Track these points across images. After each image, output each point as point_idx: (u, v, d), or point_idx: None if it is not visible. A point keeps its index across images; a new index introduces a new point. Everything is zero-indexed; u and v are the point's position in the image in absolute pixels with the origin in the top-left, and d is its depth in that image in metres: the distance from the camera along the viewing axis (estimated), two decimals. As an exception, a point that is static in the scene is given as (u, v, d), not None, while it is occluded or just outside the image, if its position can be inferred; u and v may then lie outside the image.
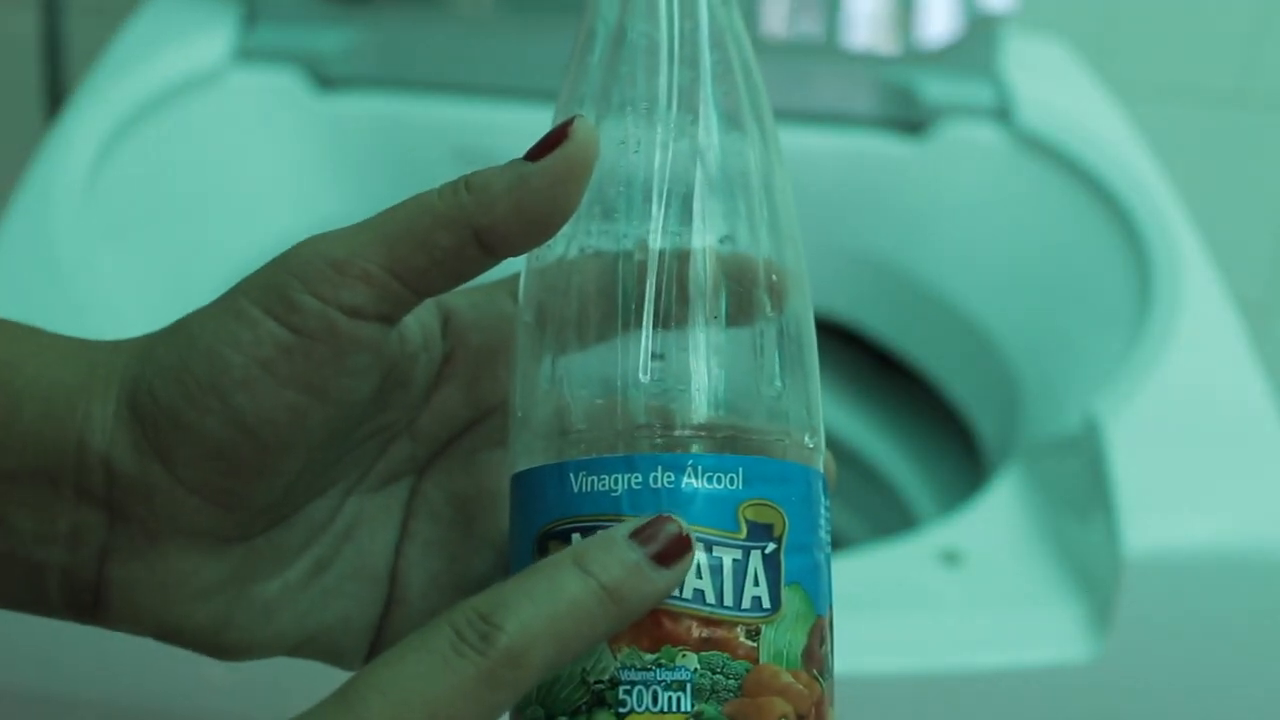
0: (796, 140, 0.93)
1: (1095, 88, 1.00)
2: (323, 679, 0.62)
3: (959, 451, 0.91)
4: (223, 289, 0.33)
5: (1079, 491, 0.67)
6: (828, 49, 0.94)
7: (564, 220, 0.31)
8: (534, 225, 0.31)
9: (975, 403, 0.88)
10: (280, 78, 0.90)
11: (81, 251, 0.72)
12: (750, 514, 0.31)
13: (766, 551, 0.31)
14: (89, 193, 0.76)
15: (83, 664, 0.60)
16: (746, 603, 0.30)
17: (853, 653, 0.61)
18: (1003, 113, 0.92)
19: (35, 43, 1.07)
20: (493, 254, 0.32)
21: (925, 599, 0.63)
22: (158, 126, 0.83)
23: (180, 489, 0.32)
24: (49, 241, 0.72)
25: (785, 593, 0.31)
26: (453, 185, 0.32)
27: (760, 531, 0.31)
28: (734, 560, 0.30)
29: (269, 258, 0.33)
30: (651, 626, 0.30)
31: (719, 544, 0.30)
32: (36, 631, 0.60)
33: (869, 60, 0.94)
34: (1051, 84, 0.97)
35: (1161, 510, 0.64)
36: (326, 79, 0.91)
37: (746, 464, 0.31)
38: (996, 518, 0.69)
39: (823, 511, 0.33)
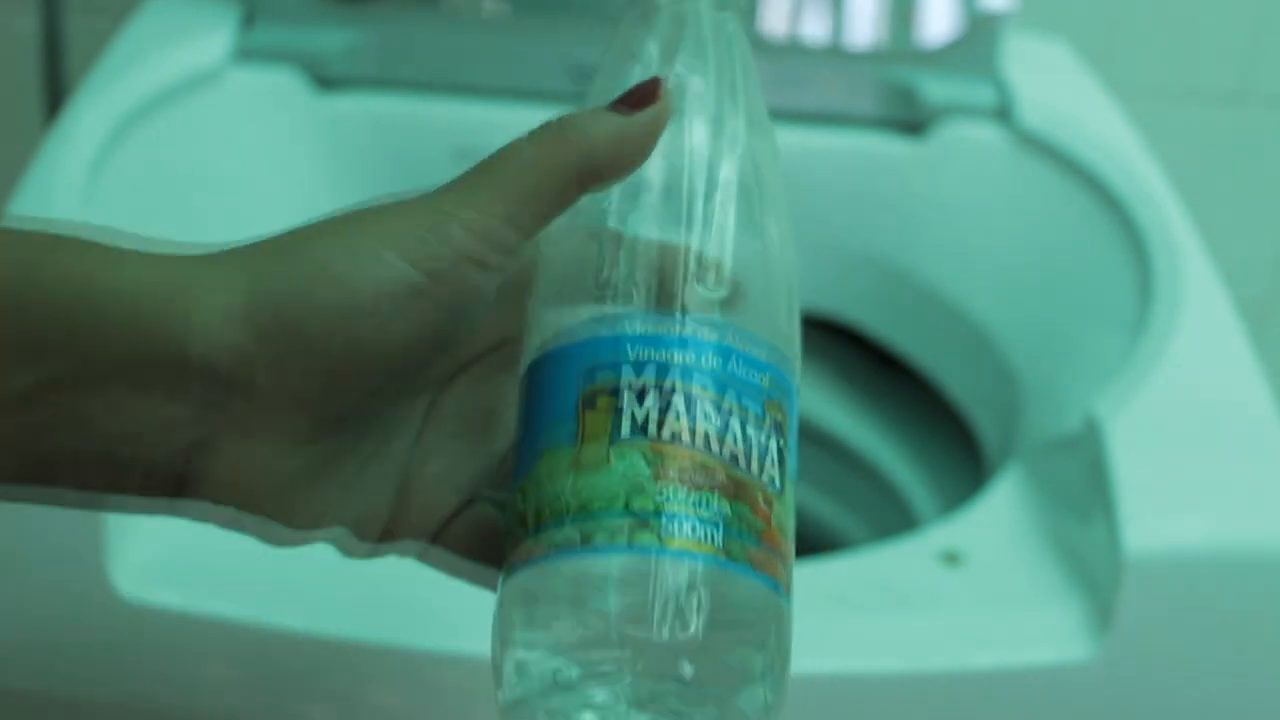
0: (797, 140, 0.93)
1: (1095, 88, 1.00)
2: (322, 679, 0.62)
3: (959, 451, 0.91)
4: None
5: (1079, 491, 0.67)
6: (828, 49, 0.94)
7: (643, 162, 0.37)
8: (625, 167, 0.37)
9: (975, 403, 0.88)
10: (280, 78, 0.90)
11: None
12: (772, 410, 0.36)
13: (780, 444, 0.36)
14: (89, 192, 0.76)
15: (83, 664, 0.60)
16: (765, 477, 0.35)
17: (853, 653, 0.61)
18: (1003, 113, 0.92)
19: (35, 43, 1.07)
20: (584, 191, 0.37)
21: (925, 599, 0.63)
22: (157, 126, 0.83)
23: (284, 396, 0.35)
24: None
25: (787, 484, 0.36)
26: (554, 135, 0.37)
27: (776, 427, 0.36)
28: (760, 440, 0.35)
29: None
30: (694, 471, 0.34)
31: (751, 423, 0.35)
32: (37, 631, 0.60)
33: (869, 60, 0.94)
34: (1051, 84, 0.97)
35: (1161, 510, 0.64)
36: (326, 79, 0.91)
37: (773, 370, 0.37)
38: (996, 518, 0.69)
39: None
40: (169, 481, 0.35)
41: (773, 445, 0.36)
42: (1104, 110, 0.96)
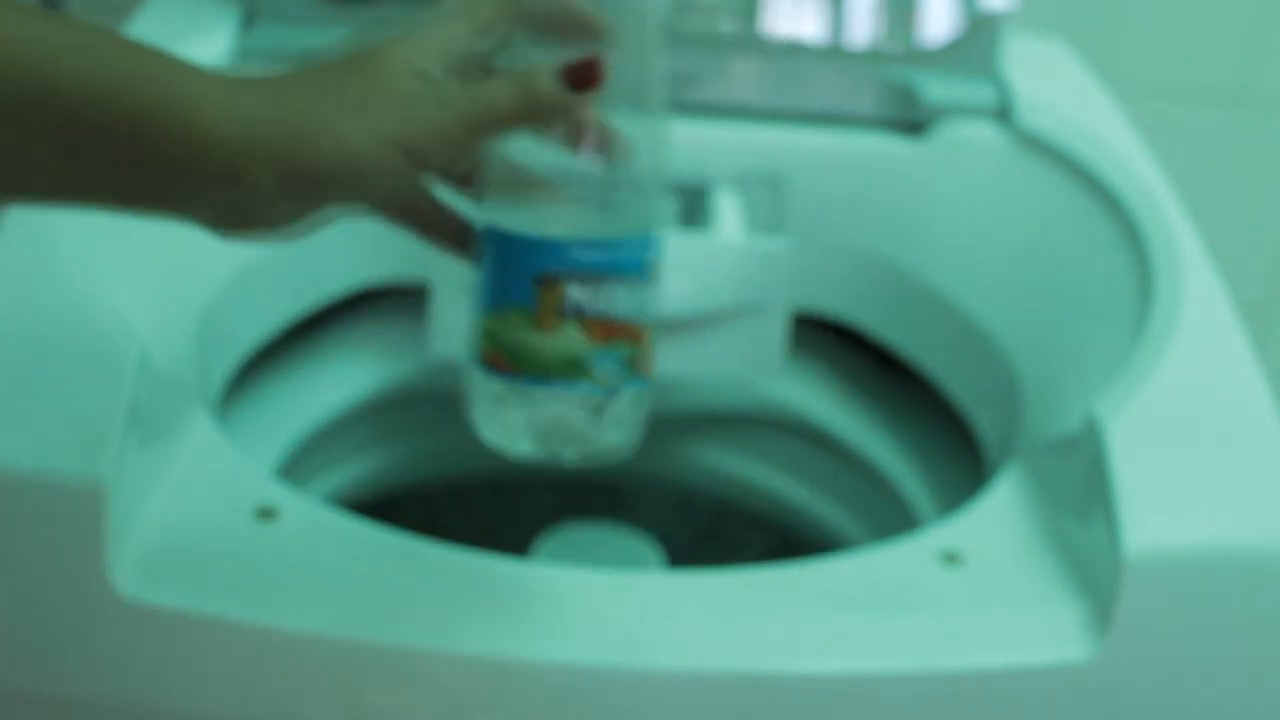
0: (797, 140, 0.93)
1: (1095, 88, 1.00)
2: (322, 679, 0.62)
3: (959, 451, 0.91)
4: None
5: (1079, 491, 0.67)
6: (828, 49, 0.94)
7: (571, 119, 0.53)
8: (559, 121, 0.53)
9: (975, 403, 0.88)
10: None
11: (81, 251, 0.72)
12: (649, 269, 0.56)
13: (653, 289, 0.56)
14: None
15: (83, 664, 0.60)
16: (644, 316, 0.56)
17: (853, 653, 0.61)
18: (1003, 113, 0.92)
19: (35, 42, 1.07)
20: (525, 128, 0.53)
21: (925, 599, 0.63)
22: (158, 126, 0.83)
23: (295, 210, 0.51)
24: (49, 241, 0.72)
25: (655, 307, 0.57)
26: (522, 90, 0.51)
27: (652, 278, 0.56)
28: (643, 294, 0.56)
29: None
30: (605, 331, 0.55)
31: (640, 284, 0.56)
32: (37, 631, 0.60)
33: (869, 60, 0.94)
34: (1051, 84, 0.97)
35: (1161, 510, 0.64)
36: (326, 79, 0.91)
37: (654, 246, 0.56)
38: (996, 518, 0.69)
39: None
40: (192, 219, 0.51)
41: (649, 292, 0.56)
42: (1104, 110, 0.96)
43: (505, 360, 0.56)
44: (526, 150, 0.55)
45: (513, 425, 0.57)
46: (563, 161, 0.55)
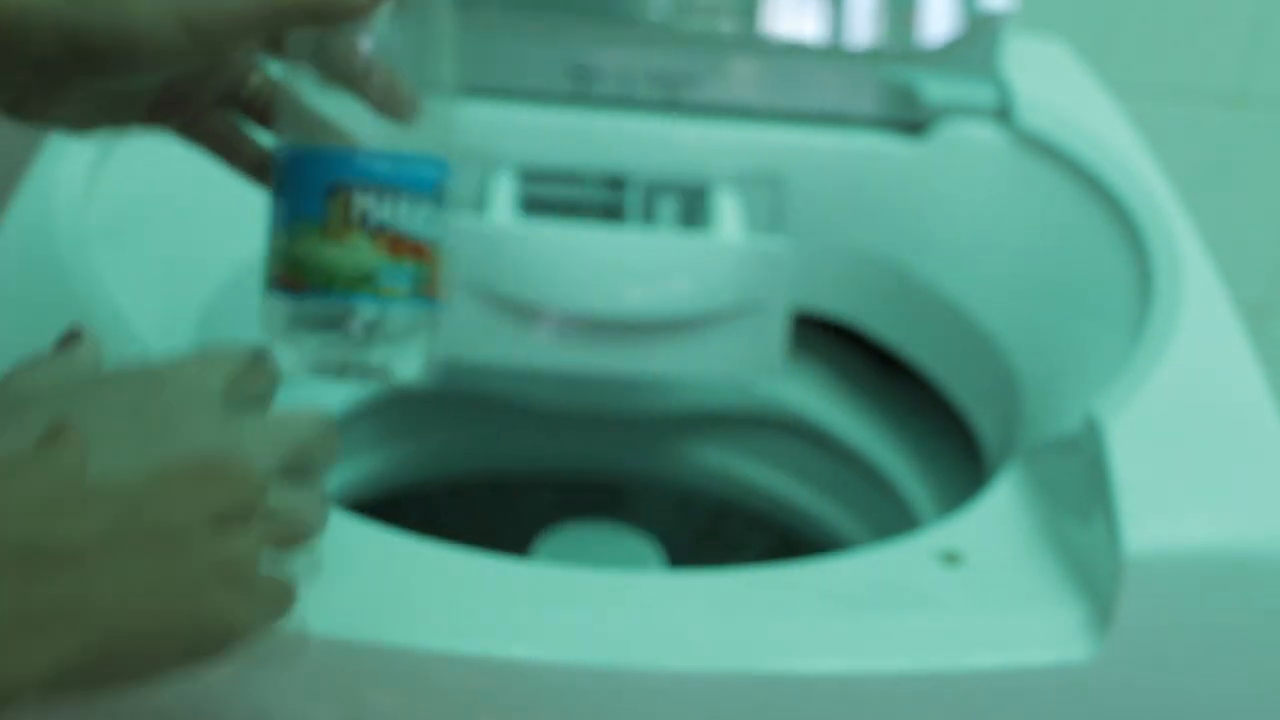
0: (796, 140, 0.93)
1: (1095, 88, 1.00)
2: (322, 679, 0.62)
3: (959, 451, 0.91)
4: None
5: (1079, 491, 0.67)
6: (828, 49, 0.94)
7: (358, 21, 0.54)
8: (345, 22, 0.54)
9: (975, 403, 0.88)
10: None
11: (81, 251, 0.72)
12: (437, 191, 0.57)
13: (441, 211, 0.57)
14: (89, 193, 0.76)
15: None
16: (432, 235, 0.57)
17: (853, 653, 0.61)
18: (1003, 113, 0.92)
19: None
20: (314, 26, 0.53)
21: (925, 599, 0.63)
22: (158, 126, 0.83)
23: (89, 94, 0.53)
24: (49, 241, 0.72)
25: (444, 229, 0.57)
26: None
27: (439, 200, 0.57)
28: (430, 215, 0.56)
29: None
30: (392, 244, 0.55)
31: (424, 203, 0.56)
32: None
33: (869, 60, 0.94)
34: (1051, 84, 0.97)
35: (1161, 510, 0.64)
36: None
37: (438, 166, 0.57)
38: (996, 518, 0.69)
39: None
40: None
41: (440, 216, 0.57)
42: (1104, 110, 0.96)
43: (293, 276, 0.56)
44: (319, 102, 0.56)
45: (297, 344, 0.57)
46: (352, 118, 0.56)
